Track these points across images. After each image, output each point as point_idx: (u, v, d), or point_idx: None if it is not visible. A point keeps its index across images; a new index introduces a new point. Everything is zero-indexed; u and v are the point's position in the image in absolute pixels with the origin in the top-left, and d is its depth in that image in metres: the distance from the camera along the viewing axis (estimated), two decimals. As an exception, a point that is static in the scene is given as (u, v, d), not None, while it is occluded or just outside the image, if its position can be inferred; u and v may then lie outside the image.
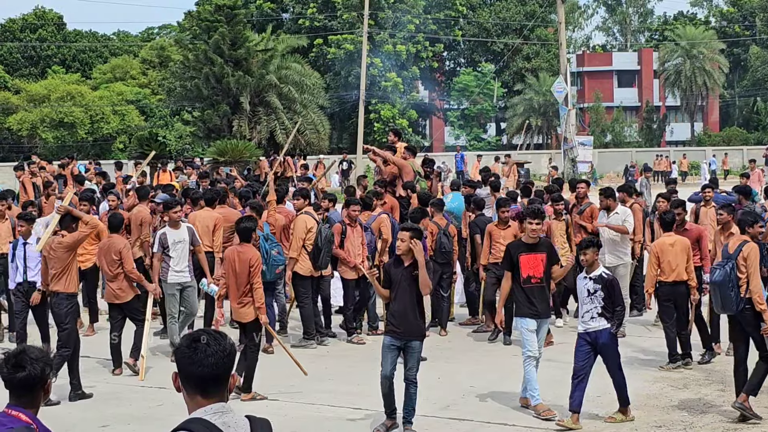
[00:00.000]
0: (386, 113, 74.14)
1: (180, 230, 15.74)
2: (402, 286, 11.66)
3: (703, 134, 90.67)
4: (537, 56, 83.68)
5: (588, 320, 11.91)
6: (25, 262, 15.13)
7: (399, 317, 11.61)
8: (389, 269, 11.95)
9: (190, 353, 4.60)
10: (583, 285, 12.05)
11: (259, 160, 47.97)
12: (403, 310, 11.61)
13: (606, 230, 16.91)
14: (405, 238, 11.70)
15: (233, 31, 60.93)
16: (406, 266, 11.70)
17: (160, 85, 75.31)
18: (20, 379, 5.35)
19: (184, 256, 15.63)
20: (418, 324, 11.71)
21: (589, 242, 12.14)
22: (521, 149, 70.69)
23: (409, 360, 11.61)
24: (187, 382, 4.63)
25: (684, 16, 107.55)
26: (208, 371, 4.59)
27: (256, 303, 13.26)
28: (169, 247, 15.52)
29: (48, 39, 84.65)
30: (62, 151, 66.60)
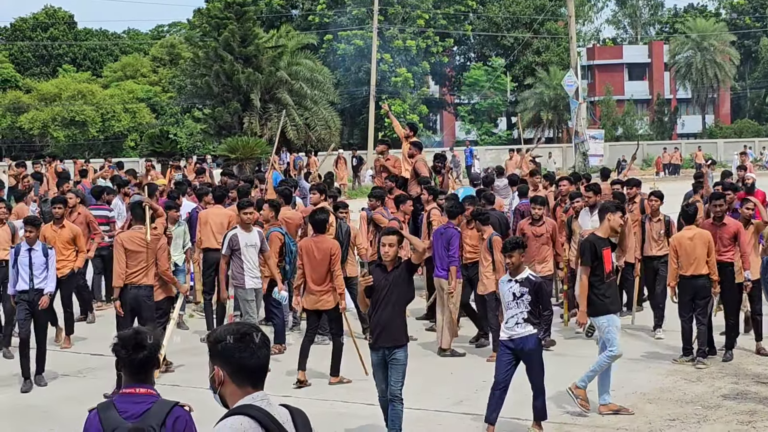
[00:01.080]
0: (397, 108, 74.06)
1: (252, 233, 15.07)
2: (385, 295, 10.95)
3: (714, 126, 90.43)
4: (547, 50, 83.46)
5: (513, 326, 11.20)
6: (31, 269, 14.38)
7: (382, 328, 10.93)
8: (372, 275, 11.10)
9: (244, 346, 4.75)
10: (507, 288, 11.33)
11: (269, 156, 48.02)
12: (387, 320, 10.92)
13: (591, 228, 15.63)
14: (393, 243, 11.01)
15: (243, 28, 60.89)
16: (389, 271, 11.01)
17: (171, 83, 75.38)
18: (140, 359, 5.74)
19: (255, 260, 15.03)
20: (402, 332, 11.08)
21: (515, 243, 11.47)
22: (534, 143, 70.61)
23: (393, 373, 10.91)
24: (238, 375, 4.76)
25: (694, 8, 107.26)
26: (262, 362, 4.81)
27: (338, 290, 13.77)
28: (241, 250, 14.85)
29: (59, 38, 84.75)
30: (74, 149, 66.77)
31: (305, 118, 62.12)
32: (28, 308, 14.43)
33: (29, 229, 14.64)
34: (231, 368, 4.76)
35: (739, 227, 14.99)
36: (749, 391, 13.01)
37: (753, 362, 14.38)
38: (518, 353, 11.23)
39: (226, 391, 4.80)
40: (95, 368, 15.10)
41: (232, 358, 4.75)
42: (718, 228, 14.81)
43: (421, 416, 12.17)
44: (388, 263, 11.02)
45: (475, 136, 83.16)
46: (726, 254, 14.76)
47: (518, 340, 11.17)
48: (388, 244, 11.01)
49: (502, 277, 11.78)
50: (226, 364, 4.77)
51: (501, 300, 11.63)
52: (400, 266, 11.03)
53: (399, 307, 11.05)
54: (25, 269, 14.42)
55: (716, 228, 14.81)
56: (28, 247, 14.55)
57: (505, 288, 11.41)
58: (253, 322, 14.28)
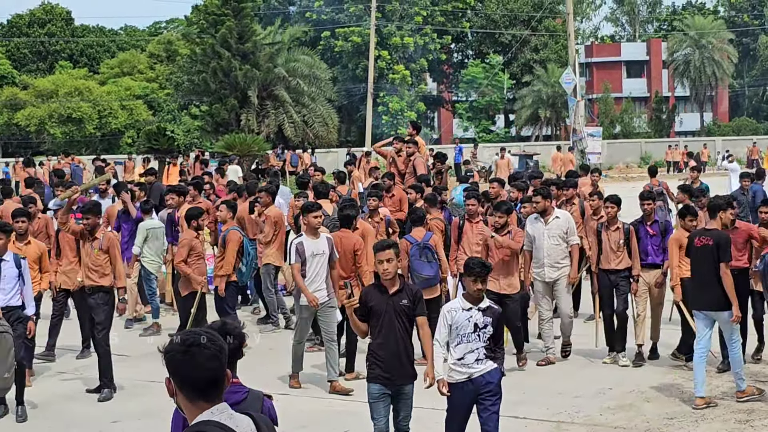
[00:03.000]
0: (394, 106, 74.05)
1: (319, 240, 13.26)
2: (388, 320, 9.56)
3: (712, 124, 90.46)
4: (545, 47, 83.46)
5: (472, 363, 9.37)
6: (1, 283, 12.47)
7: (387, 359, 9.55)
8: (368, 298, 9.69)
9: (188, 358, 4.41)
10: (465, 318, 9.36)
11: (267, 154, 48.01)
12: (393, 350, 9.57)
13: (546, 238, 14.66)
14: (391, 258, 9.66)
15: (240, 24, 60.85)
16: (392, 294, 9.60)
17: (168, 80, 75.30)
18: (232, 348, 5.53)
19: (322, 271, 13.23)
20: (410, 364, 9.71)
21: (482, 265, 9.56)
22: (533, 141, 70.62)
23: (402, 408, 9.74)
24: (185, 388, 4.45)
25: (692, 6, 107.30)
26: (209, 375, 4.43)
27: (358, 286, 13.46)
28: (307, 260, 13.13)
29: (55, 34, 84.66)
30: (70, 146, 66.62)
31: (303, 115, 62.11)
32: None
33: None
34: (177, 380, 4.45)
35: (752, 231, 14.54)
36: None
37: (751, 361, 14.31)
38: (476, 393, 9.43)
39: (180, 402, 4.51)
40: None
41: (177, 370, 4.44)
42: (730, 232, 13.82)
43: (421, 415, 12.10)
44: (388, 283, 9.64)
45: (473, 133, 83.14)
46: (741, 259, 14.16)
47: (479, 378, 9.38)
48: (386, 260, 9.62)
49: (453, 304, 9.62)
50: (173, 375, 4.46)
51: (449, 331, 9.46)
52: (404, 289, 9.66)
53: (406, 337, 9.67)
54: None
55: (728, 232, 13.86)
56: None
57: (462, 317, 9.38)
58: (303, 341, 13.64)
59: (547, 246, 14.61)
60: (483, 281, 9.38)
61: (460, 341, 9.38)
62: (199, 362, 4.39)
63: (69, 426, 12.30)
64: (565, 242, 14.73)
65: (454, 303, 9.62)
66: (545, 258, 14.62)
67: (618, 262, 14.53)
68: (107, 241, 13.71)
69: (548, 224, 14.66)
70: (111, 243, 13.77)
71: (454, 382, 9.42)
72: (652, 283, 14.63)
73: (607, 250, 14.60)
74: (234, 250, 15.37)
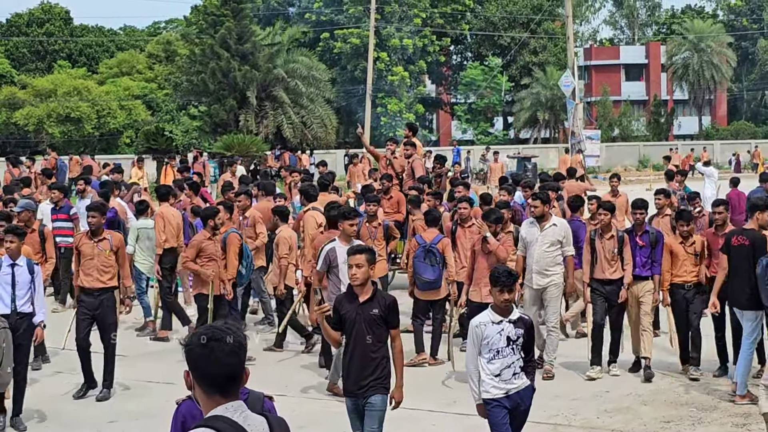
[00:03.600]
0: (393, 107, 74.05)
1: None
2: (357, 330, 9.07)
3: (711, 128, 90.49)
4: (544, 50, 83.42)
5: (509, 378, 8.97)
6: (14, 289, 12.14)
7: (356, 371, 9.12)
8: (339, 305, 9.24)
9: (207, 352, 4.42)
10: (496, 331, 8.93)
11: (265, 155, 48.04)
12: (362, 362, 9.10)
13: (538, 244, 14.07)
14: (361, 264, 9.10)
15: (240, 25, 60.90)
16: (363, 302, 9.11)
17: (167, 80, 75.25)
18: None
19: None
20: (382, 375, 9.14)
21: (508, 275, 9.05)
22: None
23: (369, 420, 9.17)
24: (202, 381, 4.47)
25: (692, 10, 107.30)
26: (227, 370, 4.45)
27: None
28: (339, 267, 12.62)
29: (54, 34, 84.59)
30: (69, 146, 66.58)
31: (301, 116, 62.16)
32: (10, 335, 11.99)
33: (11, 239, 12.28)
34: (196, 374, 4.48)
35: None
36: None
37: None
38: (511, 407, 9.06)
39: (196, 396, 4.55)
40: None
41: (195, 364, 4.47)
42: (720, 237, 13.81)
43: (415, 415, 12.11)
44: (359, 290, 9.12)
45: (472, 135, 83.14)
46: None
47: (515, 395, 9.01)
48: (356, 265, 9.08)
49: (482, 318, 9.13)
50: (192, 369, 4.49)
51: (480, 346, 9.02)
52: (375, 298, 9.14)
53: (377, 348, 9.11)
54: (6, 288, 12.15)
55: (718, 237, 13.94)
56: (10, 261, 12.26)
57: (492, 331, 8.97)
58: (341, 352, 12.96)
59: (537, 252, 14.00)
60: (510, 291, 8.94)
61: (495, 356, 8.96)
62: (217, 357, 4.42)
63: (66, 426, 12.31)
64: (558, 250, 14.09)
65: (482, 317, 9.12)
66: (534, 264, 14.02)
67: (613, 271, 14.01)
68: (117, 241, 13.59)
69: (543, 230, 14.07)
70: (120, 243, 13.69)
71: (491, 398, 8.99)
72: (640, 296, 14.06)
73: (602, 259, 14.06)
74: (235, 252, 15.33)
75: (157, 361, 15.35)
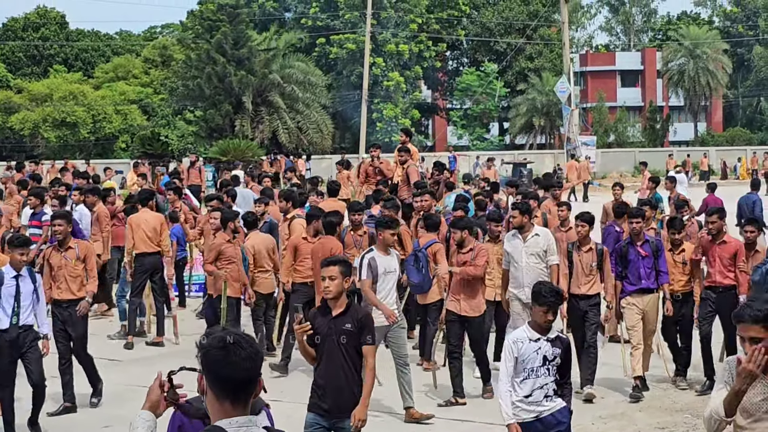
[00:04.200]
0: (389, 113, 74.07)
1: (391, 257, 12.39)
2: (329, 346, 8.60)
3: (706, 134, 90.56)
4: (540, 56, 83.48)
5: (541, 400, 8.52)
6: (17, 301, 11.68)
7: (326, 389, 8.63)
8: (313, 320, 8.70)
9: (224, 354, 4.36)
10: (533, 350, 8.49)
11: (261, 159, 48.03)
12: (332, 379, 8.63)
13: (524, 256, 13.44)
14: (334, 276, 8.60)
15: (236, 30, 60.95)
16: (335, 316, 8.63)
17: (163, 85, 75.27)
18: None
19: (393, 289, 12.31)
20: (354, 396, 8.62)
21: (554, 294, 8.64)
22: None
23: None
24: (216, 385, 4.40)
25: (687, 16, 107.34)
26: (243, 375, 4.39)
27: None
28: (379, 278, 12.14)
29: (50, 38, 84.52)
30: (64, 150, 66.58)
31: (297, 121, 62.18)
32: (11, 353, 11.72)
33: (20, 251, 11.67)
34: (210, 377, 4.41)
35: (740, 246, 13.67)
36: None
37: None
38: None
39: (208, 401, 4.47)
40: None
41: (211, 366, 4.40)
42: (717, 246, 13.51)
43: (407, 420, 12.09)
44: (331, 303, 8.65)
45: (467, 141, 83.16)
46: (729, 276, 13.46)
47: (548, 418, 8.56)
48: (329, 277, 8.59)
49: (519, 334, 8.72)
50: (207, 372, 4.42)
51: (515, 365, 8.57)
52: (348, 312, 8.66)
53: (349, 366, 8.65)
54: (8, 301, 11.62)
55: (715, 246, 13.56)
56: (14, 273, 11.73)
57: (529, 349, 8.52)
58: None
59: (525, 265, 13.41)
60: (555, 312, 8.60)
61: (527, 376, 8.52)
62: (234, 360, 4.36)
63: (63, 430, 12.26)
64: (543, 261, 13.50)
65: (519, 333, 8.70)
66: (524, 277, 13.30)
67: (588, 286, 13.39)
68: (84, 249, 13.20)
69: (526, 242, 13.45)
70: (88, 251, 13.31)
71: (520, 422, 8.51)
72: (646, 310, 13.46)
73: (578, 273, 13.42)
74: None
75: (151, 366, 15.21)
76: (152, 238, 16.90)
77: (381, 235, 12.31)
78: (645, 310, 13.46)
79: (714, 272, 13.52)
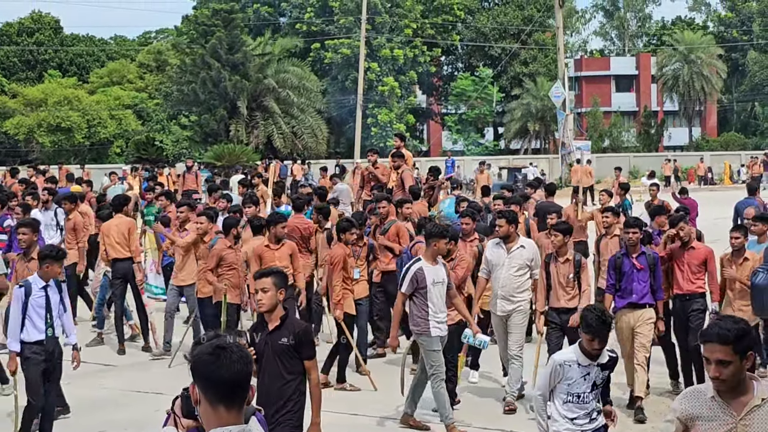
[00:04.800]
0: (383, 118, 74.08)
1: (439, 267, 11.75)
2: (266, 362, 8.22)
3: (701, 139, 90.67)
4: (535, 61, 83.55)
5: (585, 423, 8.25)
6: (49, 312, 11.25)
7: (265, 405, 7.85)
8: (252, 334, 8.40)
9: (214, 359, 4.38)
10: (581, 374, 8.17)
11: (256, 165, 48.01)
12: (269, 397, 8.19)
13: (505, 267, 12.95)
14: (267, 287, 8.23)
15: (230, 35, 60.94)
16: (271, 331, 8.24)
17: (157, 90, 75.25)
18: None
19: (444, 300, 11.75)
20: (293, 410, 8.30)
21: (602, 323, 8.03)
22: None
23: None
24: (209, 391, 4.40)
25: (682, 21, 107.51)
26: (235, 377, 4.39)
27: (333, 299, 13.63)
28: (427, 289, 11.51)
29: (45, 43, 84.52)
30: (59, 155, 66.52)
31: (292, 126, 62.16)
32: (45, 364, 11.28)
33: (48, 262, 11.29)
34: (203, 383, 4.41)
35: (709, 253, 13.18)
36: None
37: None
38: None
39: (201, 412, 4.47)
40: None
41: (204, 372, 4.40)
42: (686, 252, 13.10)
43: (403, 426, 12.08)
44: (266, 316, 8.27)
45: (462, 146, 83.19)
46: (696, 283, 13.05)
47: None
48: (261, 289, 8.23)
49: (568, 356, 8.26)
50: (199, 378, 4.42)
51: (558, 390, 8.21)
52: (285, 325, 8.24)
53: (288, 381, 8.25)
54: (39, 313, 11.19)
55: (684, 252, 13.13)
56: (42, 284, 11.28)
57: (577, 374, 8.16)
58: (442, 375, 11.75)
59: (504, 276, 12.91)
60: (603, 340, 8.07)
61: (573, 401, 8.17)
62: (225, 364, 4.38)
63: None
64: (527, 274, 13.01)
65: (568, 354, 8.26)
66: (499, 289, 12.92)
67: (568, 299, 12.60)
68: None
69: (510, 252, 12.94)
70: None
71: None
72: (634, 326, 12.58)
73: (556, 285, 12.64)
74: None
75: (145, 371, 15.32)
76: (122, 244, 16.72)
77: (435, 245, 11.55)
78: (636, 326, 12.57)
79: (682, 279, 13.09)
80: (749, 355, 5.36)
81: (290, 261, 14.66)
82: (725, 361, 5.31)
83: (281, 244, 14.59)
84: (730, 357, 5.30)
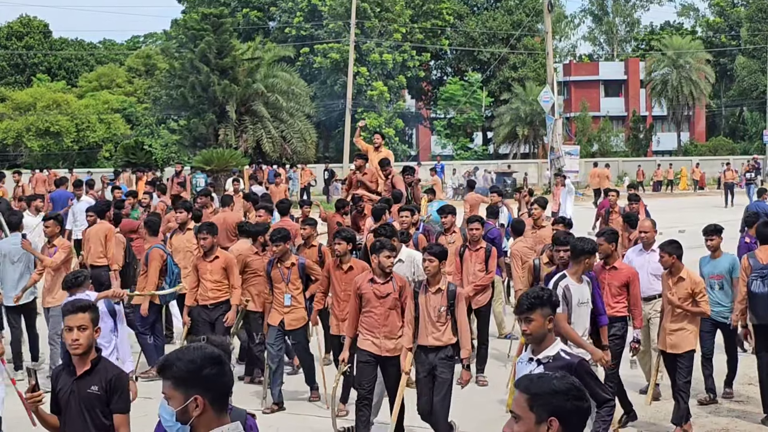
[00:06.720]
0: (372, 122, 74.12)
1: (584, 285, 10.39)
2: (72, 413, 6.96)
3: (689, 144, 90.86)
4: (524, 66, 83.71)
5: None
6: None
7: None
8: (56, 380, 7.18)
9: (221, 369, 4.47)
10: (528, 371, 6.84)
11: (245, 169, 47.98)
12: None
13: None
14: (84, 326, 6.94)
15: (219, 39, 60.85)
16: (79, 376, 6.96)
17: (146, 94, 75.21)
18: None
19: (587, 324, 10.38)
20: None
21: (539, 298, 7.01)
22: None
23: None
24: (218, 402, 4.47)
25: (671, 26, 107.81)
26: (231, 382, 4.59)
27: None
28: (572, 308, 10.14)
29: (34, 47, 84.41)
30: (48, 159, 66.43)
31: (281, 131, 62.12)
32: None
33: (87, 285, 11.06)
34: (213, 394, 4.44)
35: (632, 274, 11.86)
36: (722, 408, 13.07)
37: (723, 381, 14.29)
38: None
39: (202, 421, 4.44)
40: None
41: (213, 385, 4.45)
42: (608, 272, 11.82)
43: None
44: (76, 360, 6.98)
45: (451, 150, 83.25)
46: (615, 307, 11.68)
47: None
48: (78, 327, 6.90)
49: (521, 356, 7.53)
50: (208, 390, 4.43)
51: None
52: (96, 370, 6.97)
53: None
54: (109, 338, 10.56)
55: (605, 272, 11.82)
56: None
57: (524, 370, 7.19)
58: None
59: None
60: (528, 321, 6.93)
61: None
62: (227, 370, 4.53)
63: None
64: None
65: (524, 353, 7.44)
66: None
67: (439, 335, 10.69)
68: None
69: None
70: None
71: None
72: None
73: (425, 319, 10.67)
74: (155, 269, 14.88)
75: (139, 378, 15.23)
76: (99, 251, 16.49)
77: (587, 261, 10.34)
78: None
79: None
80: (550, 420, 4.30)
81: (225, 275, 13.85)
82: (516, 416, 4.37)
83: (214, 257, 13.80)
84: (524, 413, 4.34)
